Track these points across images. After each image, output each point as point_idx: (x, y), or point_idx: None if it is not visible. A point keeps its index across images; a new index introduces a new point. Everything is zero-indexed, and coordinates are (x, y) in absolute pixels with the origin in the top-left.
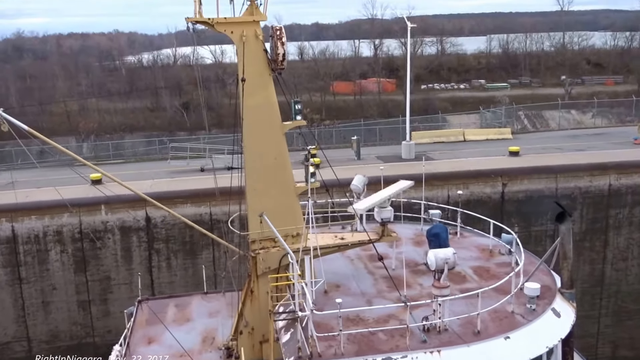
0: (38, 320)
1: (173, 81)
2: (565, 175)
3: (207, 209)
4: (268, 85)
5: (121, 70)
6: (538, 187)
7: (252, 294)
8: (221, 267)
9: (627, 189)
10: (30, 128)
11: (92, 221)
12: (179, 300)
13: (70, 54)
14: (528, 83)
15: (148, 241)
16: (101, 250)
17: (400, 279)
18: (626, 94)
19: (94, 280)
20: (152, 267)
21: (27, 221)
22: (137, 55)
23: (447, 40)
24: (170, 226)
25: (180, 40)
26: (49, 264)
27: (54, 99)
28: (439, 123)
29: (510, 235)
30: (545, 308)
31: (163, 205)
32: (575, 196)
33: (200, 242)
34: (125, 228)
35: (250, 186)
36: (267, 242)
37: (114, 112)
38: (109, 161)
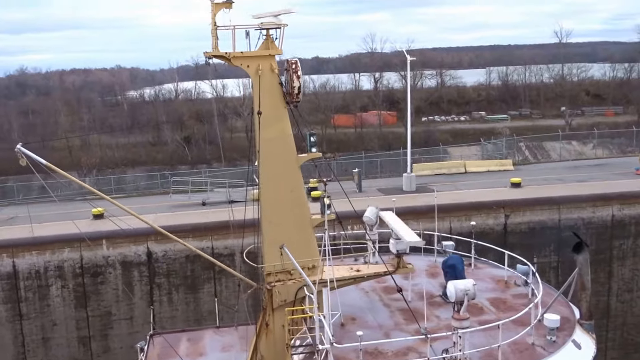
0: (38, 357)
1: (174, 115)
2: (567, 206)
3: (209, 242)
4: (283, 118)
5: (123, 105)
6: (541, 218)
7: (267, 327)
8: (223, 302)
9: (630, 220)
10: (48, 163)
11: (93, 256)
12: (192, 335)
13: (73, 89)
14: (528, 114)
15: (149, 275)
16: (102, 285)
17: (416, 312)
18: (626, 125)
19: (94, 315)
20: (154, 302)
21: (28, 256)
22: (139, 90)
23: (446, 72)
24: (172, 260)
25: (182, 75)
26: (50, 300)
27: (56, 135)
28: (440, 155)
29: (526, 267)
30: (565, 340)
31: (179, 239)
32: (578, 227)
33: (202, 276)
34: (127, 263)
35: (266, 219)
36: (283, 274)
37: (116, 147)
38: (110, 196)
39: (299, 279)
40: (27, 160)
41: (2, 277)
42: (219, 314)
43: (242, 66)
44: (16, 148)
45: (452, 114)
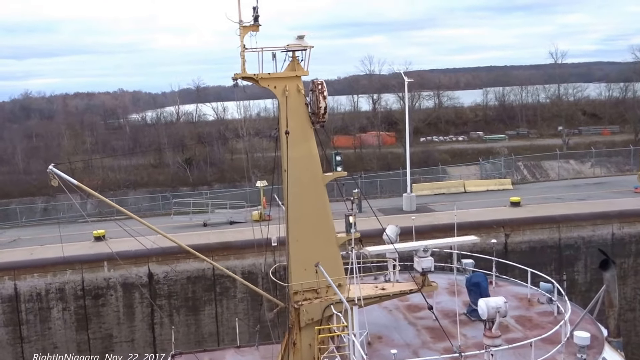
0: None
1: (176, 138)
2: (567, 225)
3: (210, 264)
4: (310, 138)
5: (125, 128)
6: (541, 237)
7: (294, 346)
8: (225, 323)
9: (630, 238)
10: (79, 183)
11: (94, 278)
12: (213, 355)
13: (76, 112)
14: (525, 134)
15: (150, 297)
16: (104, 307)
17: (444, 330)
18: (623, 144)
19: (95, 338)
20: (155, 324)
21: (29, 279)
22: (141, 113)
23: (444, 93)
24: (173, 282)
25: (183, 98)
26: (51, 322)
27: (59, 157)
28: (439, 175)
29: (549, 284)
30: (595, 358)
31: (206, 258)
32: (579, 246)
33: (203, 297)
34: (128, 284)
35: (293, 237)
36: (310, 293)
37: (118, 169)
38: (112, 217)
39: (325, 298)
40: (58, 180)
41: (3, 300)
42: (215, 337)
43: (270, 87)
44: (48, 169)
45: (450, 134)
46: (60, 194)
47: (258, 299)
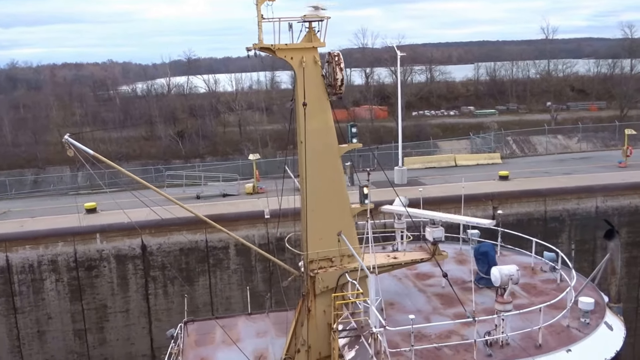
0: (34, 350)
1: (167, 110)
2: (553, 198)
3: (203, 236)
4: (326, 110)
5: (115, 99)
6: (528, 210)
7: (309, 312)
8: (218, 294)
9: (613, 211)
10: (95, 153)
11: (87, 250)
12: (224, 322)
13: (64, 84)
14: (515, 109)
15: (144, 269)
16: (97, 278)
17: (452, 297)
18: (609, 119)
19: (90, 308)
20: (149, 295)
21: (21, 251)
22: (131, 85)
23: (436, 68)
24: (166, 253)
25: (174, 69)
26: (44, 293)
27: (48, 129)
28: (430, 149)
29: (553, 254)
30: (598, 322)
31: (222, 227)
32: (564, 218)
33: (197, 269)
34: (121, 256)
35: (309, 207)
36: (325, 262)
37: (109, 142)
38: (104, 190)
39: (340, 266)
40: (74, 150)
41: None
42: (209, 307)
43: (286, 58)
44: (64, 139)
45: (442, 109)
46: (49, 166)
47: (251, 270)
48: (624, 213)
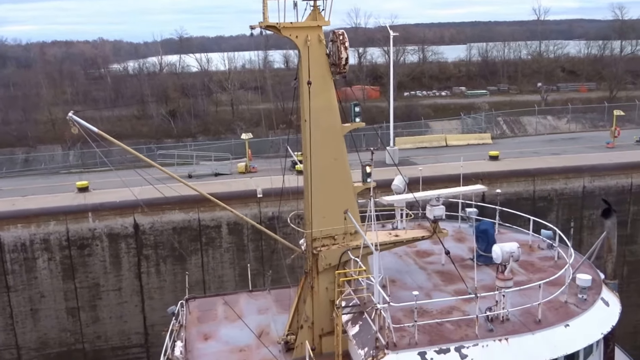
0: (27, 328)
1: (159, 89)
2: (542, 178)
3: (196, 215)
4: (330, 88)
5: (106, 78)
6: (517, 189)
7: (312, 289)
8: (211, 272)
9: (600, 191)
10: (100, 131)
11: (79, 229)
12: (226, 298)
13: (55, 62)
14: (506, 90)
15: (137, 247)
16: (90, 257)
17: (452, 274)
18: (599, 100)
19: (82, 287)
20: (141, 273)
21: (13, 230)
22: (123, 63)
23: (428, 48)
24: (159, 232)
25: (166, 48)
26: (37, 272)
27: (39, 107)
28: (422, 129)
29: (550, 232)
30: (595, 298)
31: (227, 206)
32: (552, 198)
33: (189, 247)
34: (114, 235)
35: (312, 186)
36: (328, 239)
37: (100, 120)
38: (96, 169)
39: (342, 244)
40: (79, 128)
41: None
42: (201, 285)
43: (291, 37)
44: (68, 116)
45: (434, 89)
46: (40, 145)
47: (244, 249)
48: (611, 193)
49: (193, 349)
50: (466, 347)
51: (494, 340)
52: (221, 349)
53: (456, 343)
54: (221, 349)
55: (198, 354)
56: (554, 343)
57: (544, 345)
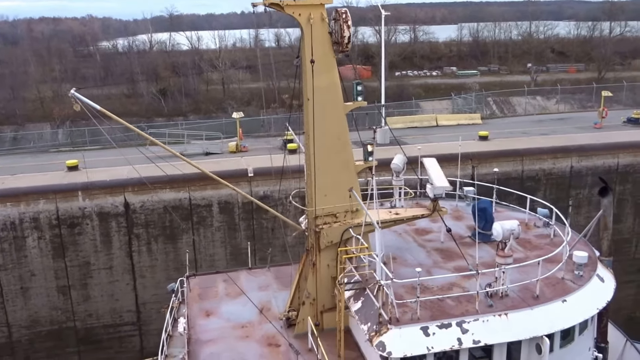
0: (17, 306)
1: (149, 67)
2: (530, 158)
3: (186, 194)
4: (333, 67)
5: (96, 56)
6: (506, 169)
7: (314, 266)
8: (202, 251)
9: (587, 171)
10: (102, 108)
11: (69, 207)
12: (226, 276)
13: (42, 39)
14: (496, 70)
15: (127, 226)
16: (80, 236)
17: (451, 251)
18: (587, 81)
19: (73, 265)
20: (132, 252)
21: (2, 208)
22: (112, 41)
23: (419, 28)
24: (150, 211)
25: (156, 26)
26: (27, 251)
27: (27, 85)
28: (413, 109)
29: (546, 210)
30: (590, 274)
31: (229, 184)
32: (539, 178)
33: (180, 226)
34: (104, 214)
35: (314, 164)
36: (329, 217)
37: (89, 98)
38: (85, 147)
39: (344, 222)
40: (81, 105)
41: None
42: (193, 264)
43: (294, 14)
44: (70, 93)
45: (425, 69)
46: (28, 123)
47: (235, 227)
48: (598, 173)
49: (195, 325)
50: (467, 322)
51: (494, 316)
52: (223, 325)
53: (457, 318)
54: (223, 325)
55: (200, 330)
56: (551, 318)
57: (542, 320)
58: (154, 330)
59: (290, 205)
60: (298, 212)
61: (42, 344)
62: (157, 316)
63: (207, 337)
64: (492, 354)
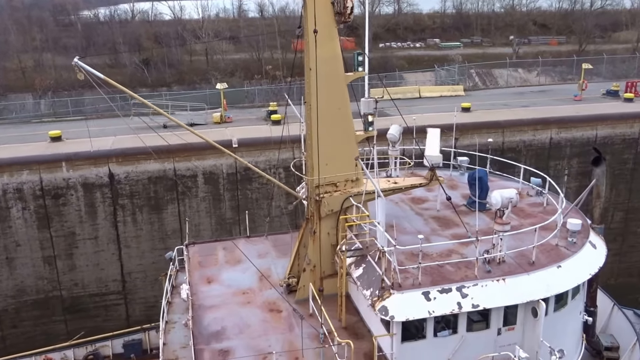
0: (3, 276)
1: (131, 37)
2: (511, 130)
3: (171, 164)
4: (335, 37)
5: (77, 25)
6: (487, 140)
7: (314, 234)
8: (188, 221)
9: (566, 142)
10: (105, 77)
11: (53, 178)
12: (225, 244)
13: (22, 7)
14: (479, 42)
15: (112, 197)
16: (65, 206)
17: (447, 219)
18: (568, 54)
19: (58, 236)
20: (118, 222)
21: None
22: (93, 10)
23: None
24: (135, 182)
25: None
26: (11, 221)
27: (7, 55)
28: (396, 80)
29: (539, 179)
30: (583, 241)
31: (232, 153)
32: (520, 149)
33: (165, 197)
34: (88, 185)
35: (315, 134)
36: (330, 186)
37: (72, 68)
38: (68, 118)
39: (344, 191)
40: (84, 73)
41: None
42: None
43: None
44: (73, 62)
45: (408, 41)
46: (10, 93)
47: (220, 198)
48: (576, 144)
49: (197, 291)
50: (467, 287)
51: (493, 281)
52: (225, 291)
53: (457, 283)
54: (225, 291)
55: (203, 296)
56: (548, 283)
57: (539, 285)
58: (139, 299)
59: (281, 175)
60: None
61: (29, 312)
62: (142, 285)
63: (210, 303)
64: (490, 318)
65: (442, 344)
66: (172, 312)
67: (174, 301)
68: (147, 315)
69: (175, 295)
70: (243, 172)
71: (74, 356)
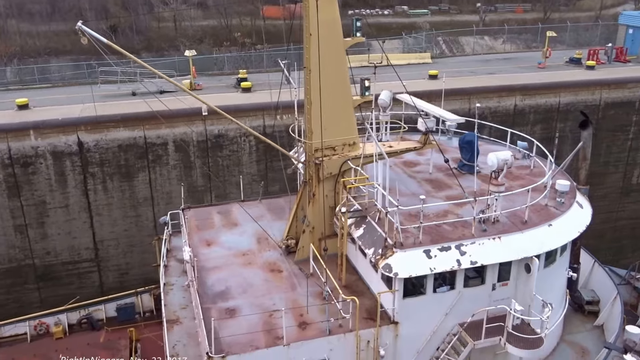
0: None
1: (98, 3)
2: (477, 97)
3: (141, 132)
4: (334, 2)
5: None
6: (453, 107)
7: (313, 197)
8: (157, 189)
9: (529, 109)
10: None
11: (21, 147)
12: (220, 208)
13: None
14: (447, 10)
15: (82, 165)
16: (34, 175)
17: (439, 181)
18: (533, 22)
19: (29, 204)
20: (88, 190)
21: None
22: None
23: None
24: (104, 150)
25: None
26: None
27: None
28: (364, 47)
29: (525, 143)
30: (571, 201)
31: (233, 118)
32: (485, 115)
33: (136, 165)
34: (58, 153)
35: (314, 99)
36: (328, 150)
37: (37, 35)
38: (35, 86)
39: (342, 154)
40: (88, 37)
41: None
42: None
43: None
44: (77, 26)
45: (377, 8)
46: None
47: (190, 165)
48: (540, 111)
49: (198, 254)
50: (465, 245)
51: (488, 239)
52: (225, 253)
53: (455, 242)
54: (225, 253)
55: (204, 258)
56: (540, 240)
57: (532, 243)
58: (112, 267)
59: (252, 142)
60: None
61: (2, 281)
62: (115, 253)
63: (212, 265)
64: (485, 274)
65: (440, 299)
66: (168, 275)
67: (170, 264)
68: (120, 282)
69: (170, 259)
70: (214, 139)
71: (68, 320)
